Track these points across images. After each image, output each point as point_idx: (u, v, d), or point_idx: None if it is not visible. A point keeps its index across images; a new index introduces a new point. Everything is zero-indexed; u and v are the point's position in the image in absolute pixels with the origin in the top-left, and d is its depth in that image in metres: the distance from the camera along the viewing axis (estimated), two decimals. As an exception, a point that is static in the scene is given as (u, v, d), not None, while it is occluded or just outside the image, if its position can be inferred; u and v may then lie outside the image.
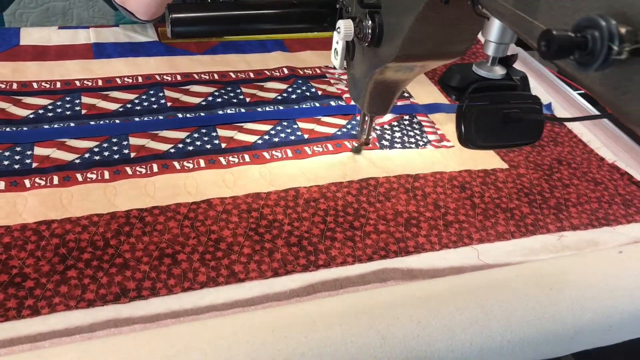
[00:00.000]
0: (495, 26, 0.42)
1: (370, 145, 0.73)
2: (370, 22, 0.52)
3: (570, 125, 0.85)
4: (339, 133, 0.77)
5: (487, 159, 0.75)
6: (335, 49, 0.60)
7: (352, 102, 0.83)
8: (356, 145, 0.73)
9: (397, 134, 0.78)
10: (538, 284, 0.47)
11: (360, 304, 0.45)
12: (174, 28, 0.60)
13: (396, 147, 0.76)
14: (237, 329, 0.41)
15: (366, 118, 0.68)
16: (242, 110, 0.78)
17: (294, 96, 0.83)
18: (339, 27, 0.56)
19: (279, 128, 0.76)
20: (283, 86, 0.85)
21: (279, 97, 0.83)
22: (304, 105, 0.81)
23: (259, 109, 0.79)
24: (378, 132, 0.78)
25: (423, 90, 0.89)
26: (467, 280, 0.49)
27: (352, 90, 0.65)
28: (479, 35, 0.47)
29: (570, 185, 0.73)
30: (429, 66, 0.56)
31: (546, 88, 0.95)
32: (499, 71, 0.44)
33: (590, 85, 0.32)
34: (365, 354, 0.41)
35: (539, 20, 0.34)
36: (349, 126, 0.78)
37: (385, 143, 0.76)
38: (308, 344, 0.41)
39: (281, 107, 0.80)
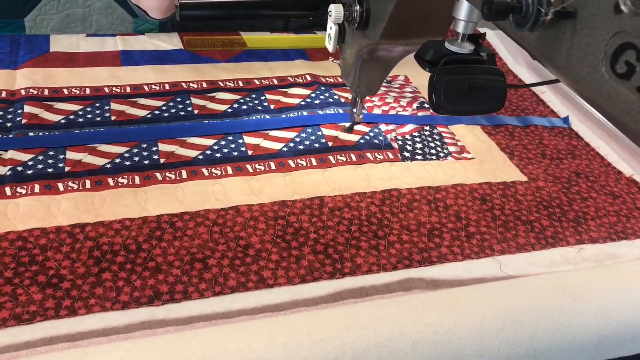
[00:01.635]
0: (463, 5, 0.46)
1: (360, 122, 0.77)
2: (358, 6, 0.58)
3: (587, 138, 0.87)
4: (362, 142, 0.78)
5: (507, 171, 0.77)
6: (329, 33, 0.65)
7: (375, 111, 0.85)
8: (347, 125, 0.77)
9: (418, 145, 0.80)
10: (562, 294, 0.48)
11: (391, 309, 0.46)
12: (183, 11, 0.69)
13: (417, 159, 0.77)
14: (274, 332, 0.42)
15: (357, 98, 0.72)
16: (267, 116, 0.80)
17: (317, 102, 0.85)
18: (330, 11, 0.62)
19: (303, 135, 0.78)
20: (306, 92, 0.87)
21: (303, 103, 0.84)
22: (327, 111, 0.83)
23: (284, 115, 0.81)
24: (400, 142, 0.80)
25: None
26: (494, 289, 0.50)
27: (343, 73, 0.70)
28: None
29: (588, 199, 0.74)
30: (412, 44, 0.60)
31: (562, 101, 0.96)
32: (468, 47, 0.48)
33: (527, 43, 0.38)
34: (397, 358, 0.43)
35: None
36: (371, 134, 0.80)
37: (407, 155, 0.77)
38: (342, 348, 0.42)
39: (305, 113, 0.82)
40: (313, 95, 0.87)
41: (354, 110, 0.73)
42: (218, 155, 0.72)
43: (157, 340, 0.42)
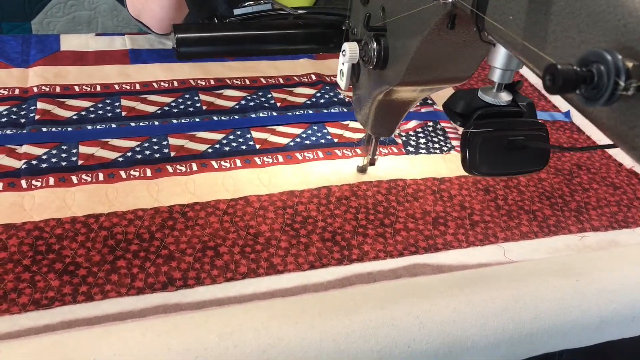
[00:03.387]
0: (501, 53, 0.41)
1: (375, 164, 0.72)
2: (375, 44, 0.51)
3: (588, 132, 0.88)
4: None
5: (510, 164, 0.78)
6: (341, 70, 0.59)
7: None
8: (360, 165, 0.73)
9: (422, 140, 0.81)
10: (565, 275, 0.50)
11: (399, 291, 0.48)
12: (180, 48, 0.60)
13: (421, 153, 0.79)
14: (287, 311, 0.44)
15: (372, 138, 0.68)
16: (274, 113, 0.82)
17: (322, 101, 0.87)
18: (344, 50, 0.55)
19: (309, 132, 0.79)
20: (312, 91, 0.88)
21: (308, 102, 0.86)
22: (332, 110, 0.84)
23: (290, 113, 0.83)
24: (404, 138, 0.81)
25: (445, 97, 0.92)
26: (498, 272, 0.51)
27: (357, 110, 0.65)
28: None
29: (590, 189, 0.76)
30: (435, 89, 0.56)
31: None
32: (505, 97, 0.43)
33: (598, 119, 0.31)
34: (405, 336, 0.44)
35: (545, 52, 0.33)
36: (375, 131, 0.81)
37: (411, 149, 0.79)
38: (352, 326, 0.44)
39: (311, 112, 0.84)
40: (318, 94, 0.88)
41: (368, 150, 0.69)
42: (227, 148, 0.74)
43: (175, 318, 0.44)
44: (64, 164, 0.68)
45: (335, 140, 0.78)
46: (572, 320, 0.48)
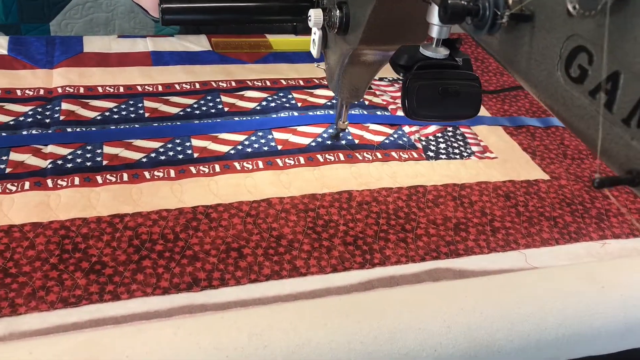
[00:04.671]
0: (436, 9, 0.44)
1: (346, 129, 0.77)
2: (338, 12, 0.59)
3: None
4: (387, 142, 0.80)
5: (529, 170, 0.78)
6: (313, 39, 0.66)
7: (399, 113, 0.87)
8: (332, 131, 0.77)
9: (442, 145, 0.82)
10: (590, 282, 0.50)
11: (425, 294, 0.48)
12: (165, 16, 0.69)
13: (441, 158, 0.79)
14: (315, 313, 0.44)
15: (343, 104, 0.72)
16: (295, 113, 0.83)
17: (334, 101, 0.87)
18: (310, 16, 0.62)
19: (330, 131, 0.80)
20: (332, 93, 0.89)
21: (329, 103, 0.87)
22: (352, 112, 0.85)
23: (311, 113, 0.83)
24: (424, 143, 0.81)
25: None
26: (524, 277, 0.52)
27: (328, 78, 0.70)
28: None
29: (610, 197, 0.75)
30: (392, 50, 0.58)
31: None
32: (443, 52, 0.47)
33: (491, 46, 0.37)
34: (432, 340, 0.45)
35: None
36: (395, 135, 0.82)
37: (431, 154, 0.79)
38: (380, 329, 0.44)
39: (331, 112, 0.84)
40: None
41: (340, 114, 0.73)
42: (249, 150, 0.74)
43: (205, 318, 0.44)
44: (88, 164, 0.69)
45: (356, 141, 0.79)
46: (597, 326, 0.48)
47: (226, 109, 0.82)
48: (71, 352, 0.39)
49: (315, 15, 0.61)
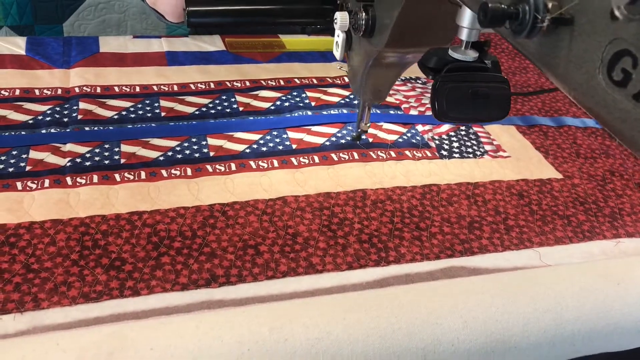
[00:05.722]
0: (466, 12, 0.46)
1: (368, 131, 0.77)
2: (364, 14, 0.59)
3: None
4: (400, 140, 0.81)
5: (542, 169, 0.79)
6: (337, 41, 0.66)
7: (412, 112, 0.88)
8: (354, 134, 0.78)
9: (455, 144, 0.82)
10: (606, 279, 0.50)
11: (442, 290, 0.49)
12: (191, 19, 0.70)
13: (455, 157, 0.79)
14: (334, 307, 0.45)
15: (365, 105, 0.72)
16: (309, 113, 0.83)
17: (355, 101, 0.88)
18: (336, 18, 0.62)
19: (344, 132, 0.80)
20: (345, 92, 0.90)
21: (342, 102, 0.87)
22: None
23: (325, 112, 0.84)
24: (437, 142, 0.82)
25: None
26: (539, 274, 0.52)
27: (351, 80, 0.71)
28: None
29: (623, 196, 0.76)
30: (418, 52, 0.60)
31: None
32: (472, 54, 0.48)
33: (528, 50, 0.37)
34: (449, 335, 0.45)
35: None
36: (408, 134, 0.82)
37: (444, 153, 0.80)
38: (398, 323, 0.45)
39: (345, 111, 0.85)
40: (352, 95, 0.90)
41: (363, 116, 0.73)
42: (264, 149, 0.75)
43: (226, 312, 0.45)
44: (107, 162, 0.70)
45: (370, 140, 0.80)
46: (613, 323, 0.49)
47: (241, 109, 0.83)
48: (97, 344, 0.40)
49: (341, 18, 0.62)
